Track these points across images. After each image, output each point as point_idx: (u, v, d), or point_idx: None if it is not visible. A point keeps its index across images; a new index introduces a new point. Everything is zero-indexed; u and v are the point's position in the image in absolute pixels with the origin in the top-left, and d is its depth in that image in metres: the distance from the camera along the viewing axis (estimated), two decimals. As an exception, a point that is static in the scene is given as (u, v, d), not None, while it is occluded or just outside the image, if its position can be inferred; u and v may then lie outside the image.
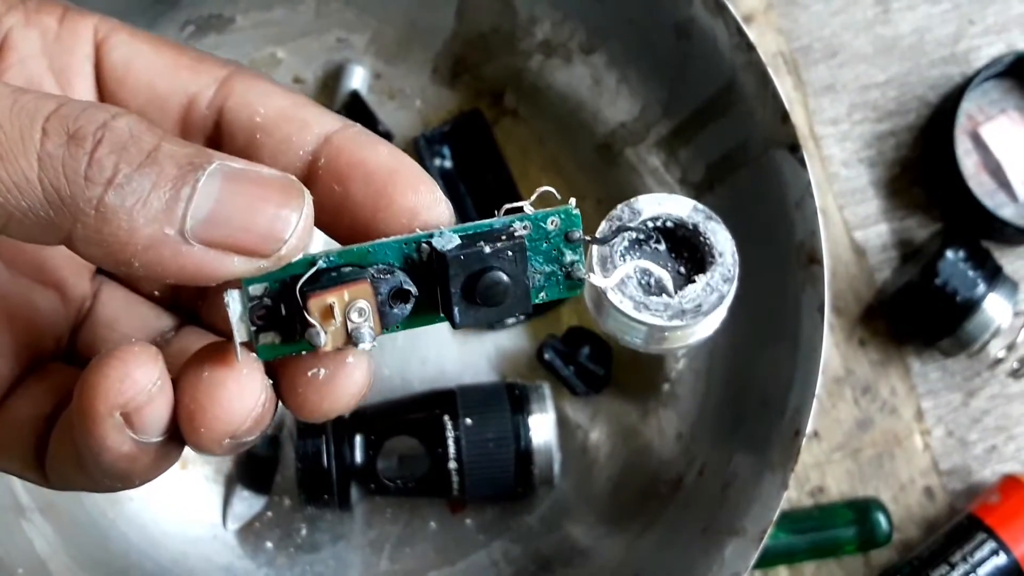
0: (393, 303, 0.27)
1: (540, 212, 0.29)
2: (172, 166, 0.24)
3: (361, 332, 0.26)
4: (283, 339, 0.27)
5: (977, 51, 0.66)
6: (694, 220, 0.31)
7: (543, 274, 0.29)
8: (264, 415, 0.27)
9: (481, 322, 0.28)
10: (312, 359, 0.27)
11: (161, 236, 0.24)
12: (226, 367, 0.26)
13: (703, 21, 0.54)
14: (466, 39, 0.62)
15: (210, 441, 0.26)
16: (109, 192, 0.24)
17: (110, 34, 0.30)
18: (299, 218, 0.25)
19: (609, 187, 0.63)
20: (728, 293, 0.30)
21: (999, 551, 0.60)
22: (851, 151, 0.66)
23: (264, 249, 0.25)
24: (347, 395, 0.28)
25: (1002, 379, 0.65)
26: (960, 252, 0.61)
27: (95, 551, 0.59)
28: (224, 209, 0.25)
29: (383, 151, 0.28)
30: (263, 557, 0.62)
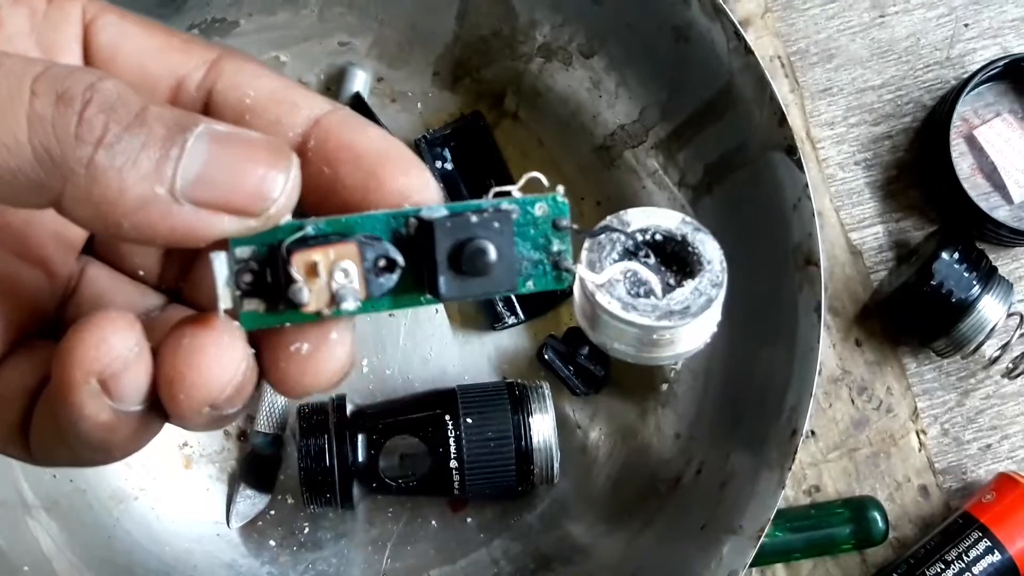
0: (379, 271, 0.27)
1: (528, 197, 0.28)
2: (160, 127, 0.24)
3: (345, 293, 0.26)
4: (267, 307, 0.26)
5: (972, 54, 0.67)
6: (682, 231, 0.31)
7: (531, 262, 0.28)
8: (245, 385, 0.27)
9: (466, 295, 0.27)
10: (295, 332, 0.27)
11: (151, 195, 0.24)
12: (207, 333, 0.26)
13: (701, 25, 0.54)
14: (467, 43, 0.63)
15: (189, 409, 0.26)
16: (99, 151, 0.24)
17: (99, 14, 0.29)
18: (287, 178, 0.25)
19: (608, 189, 0.64)
20: (717, 297, 0.30)
21: (994, 549, 0.60)
22: (847, 153, 0.67)
23: (253, 208, 0.25)
24: (329, 372, 0.27)
25: (997, 379, 0.66)
26: (955, 253, 0.61)
27: (100, 549, 0.59)
28: (213, 169, 0.25)
29: (373, 134, 0.28)
30: (266, 555, 0.62)
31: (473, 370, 0.64)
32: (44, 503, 0.58)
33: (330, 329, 0.27)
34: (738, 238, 0.60)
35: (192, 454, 0.63)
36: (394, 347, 0.63)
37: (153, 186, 0.24)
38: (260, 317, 0.26)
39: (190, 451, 0.63)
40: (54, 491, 0.59)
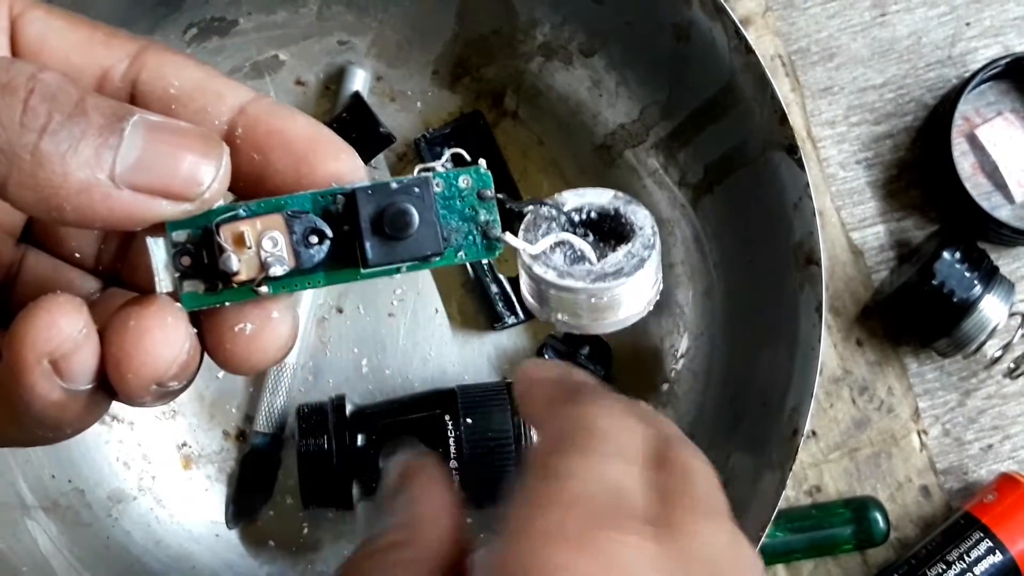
0: (307, 243, 0.28)
1: (451, 171, 0.30)
2: (99, 116, 0.26)
3: (273, 260, 0.27)
4: (207, 288, 0.28)
5: (974, 53, 0.67)
6: (615, 205, 0.32)
7: (461, 233, 0.30)
8: (189, 363, 0.28)
9: (394, 259, 0.28)
10: (238, 313, 0.28)
11: (92, 180, 0.26)
12: (151, 315, 0.27)
13: (702, 24, 0.54)
14: (467, 42, 0.63)
15: (137, 387, 0.27)
16: (44, 138, 0.25)
17: (26, 10, 0.30)
18: (219, 164, 0.27)
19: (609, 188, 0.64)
20: (649, 258, 0.31)
21: (995, 549, 0.60)
22: (848, 152, 0.66)
23: (188, 192, 0.27)
24: (272, 349, 0.29)
25: (998, 379, 0.66)
26: (957, 253, 0.61)
27: (98, 549, 0.59)
28: (149, 156, 0.26)
29: (301, 120, 0.30)
30: (265, 556, 0.62)
31: (473, 370, 0.64)
32: (43, 503, 0.58)
33: (271, 308, 0.29)
34: (739, 238, 0.60)
35: (191, 454, 0.63)
36: (393, 347, 0.63)
37: (94, 172, 0.26)
38: (200, 297, 0.28)
39: (189, 451, 0.63)
40: (53, 491, 0.59)
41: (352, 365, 0.63)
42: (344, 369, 0.63)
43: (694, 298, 0.62)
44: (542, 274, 0.31)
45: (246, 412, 0.63)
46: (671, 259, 0.62)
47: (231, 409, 0.63)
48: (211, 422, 0.63)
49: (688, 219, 0.61)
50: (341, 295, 0.64)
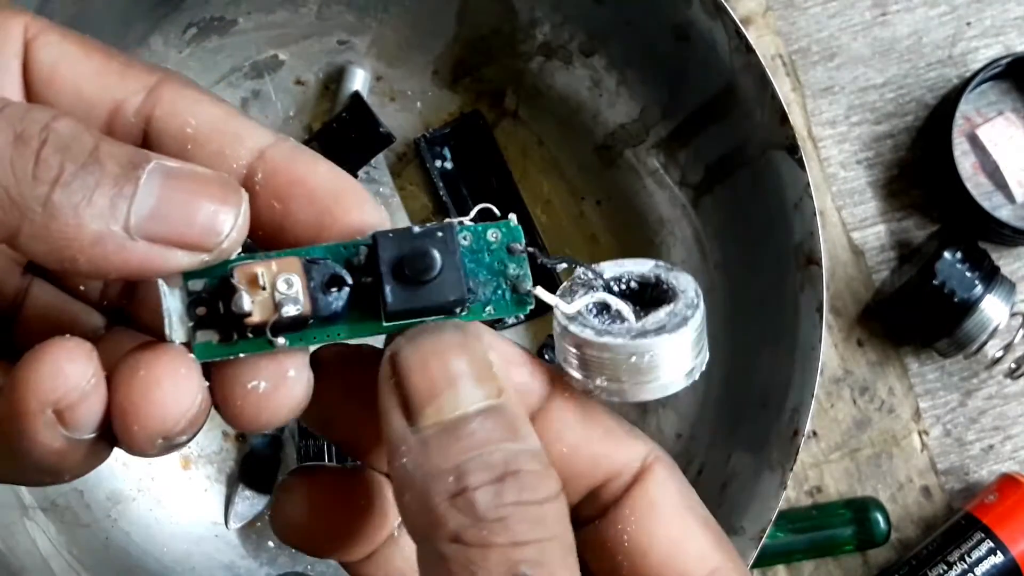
0: (326, 289, 0.27)
1: (480, 224, 0.29)
2: (113, 165, 0.25)
3: (287, 300, 0.26)
4: (221, 338, 0.27)
5: (974, 53, 0.67)
6: (656, 273, 0.31)
7: (489, 287, 0.28)
8: (199, 416, 0.27)
9: (415, 306, 0.27)
10: (253, 370, 0.27)
11: (106, 232, 0.25)
12: (163, 366, 0.26)
13: (702, 24, 0.54)
14: (467, 41, 0.63)
15: (143, 441, 0.26)
16: (56, 190, 0.24)
17: (40, 33, 0.29)
18: (237, 213, 0.26)
19: (609, 188, 0.64)
20: (693, 317, 0.29)
21: (996, 550, 0.60)
22: (849, 152, 0.66)
23: (206, 243, 0.26)
24: (285, 409, 0.27)
25: (999, 379, 0.65)
26: (957, 253, 0.61)
27: (98, 550, 0.59)
28: (165, 205, 0.25)
29: (324, 168, 0.29)
30: (265, 556, 0.62)
31: (473, 370, 0.63)
32: (42, 504, 0.58)
33: (287, 365, 0.27)
34: (739, 238, 0.60)
35: (191, 455, 0.63)
36: (394, 347, 0.63)
37: (108, 223, 0.25)
38: (214, 348, 0.27)
39: (188, 452, 0.63)
40: (52, 492, 0.59)
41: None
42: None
43: (694, 298, 0.62)
44: (579, 333, 0.29)
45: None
46: (671, 259, 0.62)
47: (231, 409, 0.63)
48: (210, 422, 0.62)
49: (688, 219, 0.61)
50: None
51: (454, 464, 0.24)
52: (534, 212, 0.64)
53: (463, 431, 0.25)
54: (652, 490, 0.29)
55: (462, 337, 0.27)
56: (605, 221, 0.64)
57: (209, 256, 0.26)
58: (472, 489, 0.24)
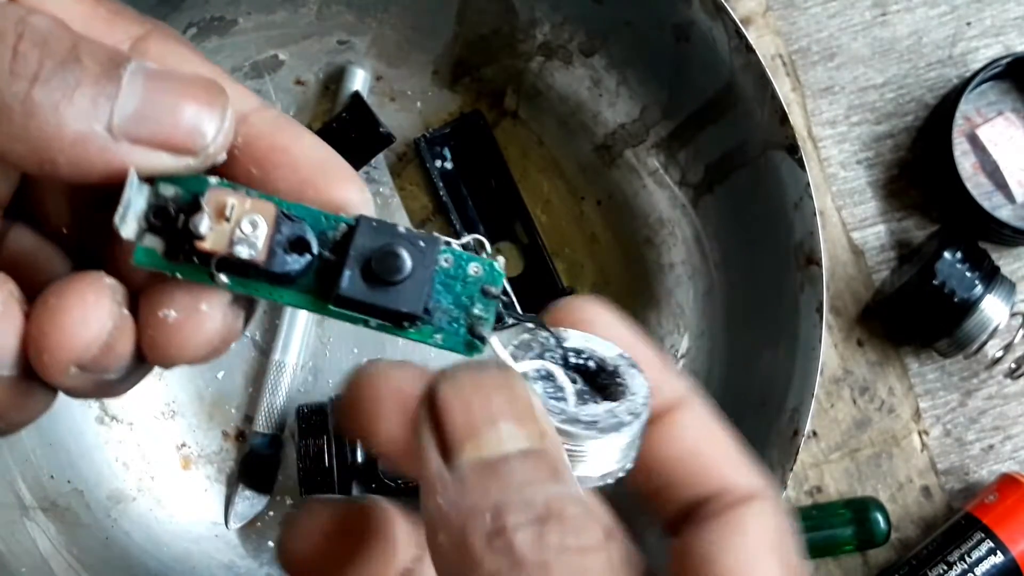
0: (288, 250, 0.26)
1: (466, 253, 0.27)
2: (93, 63, 0.24)
3: (243, 241, 0.25)
4: (166, 251, 0.26)
5: (974, 53, 0.67)
6: (616, 364, 0.29)
7: (449, 317, 0.27)
8: (113, 346, 0.26)
9: (367, 300, 0.26)
10: (166, 298, 0.26)
11: (88, 132, 0.24)
12: (72, 292, 0.25)
13: (702, 23, 0.54)
14: (466, 41, 0.63)
15: (55, 370, 0.25)
16: (35, 87, 0.24)
17: None
18: (223, 115, 0.25)
19: (609, 188, 0.64)
20: (630, 425, 0.27)
21: (996, 550, 0.60)
22: (849, 152, 0.66)
23: (192, 145, 0.25)
24: (194, 344, 0.26)
25: (999, 379, 0.65)
26: (957, 253, 0.61)
27: (98, 550, 0.59)
28: (149, 106, 0.25)
29: (309, 140, 0.28)
30: (265, 556, 0.62)
31: (473, 370, 0.63)
32: (42, 504, 0.58)
33: (201, 299, 0.26)
34: (739, 238, 0.60)
35: (190, 454, 0.63)
36: (393, 347, 0.63)
37: (90, 123, 0.24)
38: (155, 257, 0.26)
39: (188, 451, 0.63)
40: (52, 492, 0.59)
41: (352, 365, 0.63)
42: (344, 369, 0.63)
43: (694, 298, 0.62)
44: None
45: (245, 412, 0.63)
46: (671, 259, 0.62)
47: (230, 409, 0.63)
48: (210, 422, 0.63)
49: (688, 219, 0.61)
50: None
51: (493, 503, 0.23)
52: (534, 212, 0.64)
53: (503, 469, 0.23)
54: (748, 520, 0.28)
55: (504, 378, 0.25)
56: (605, 221, 0.64)
57: (195, 160, 0.25)
58: (511, 529, 0.22)
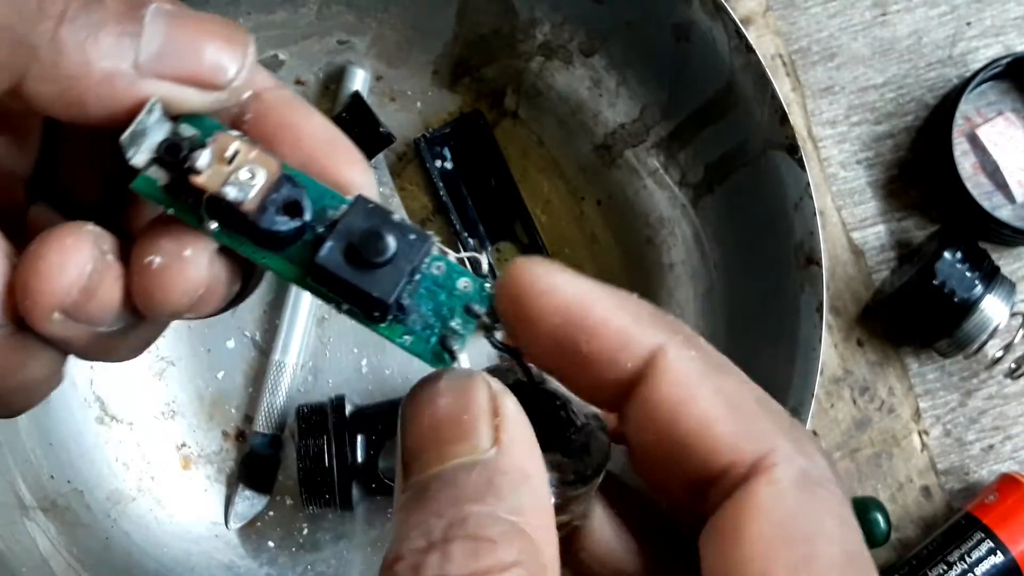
0: (281, 209, 0.26)
1: (459, 266, 0.27)
2: (115, 3, 0.25)
3: (236, 186, 0.25)
4: (167, 187, 0.26)
5: (974, 53, 0.67)
6: (586, 420, 0.28)
7: (421, 322, 0.27)
8: (95, 291, 0.26)
9: (340, 276, 0.25)
10: (151, 244, 0.26)
11: (115, 69, 0.25)
12: (52, 239, 0.25)
13: (702, 23, 0.54)
14: (466, 41, 0.63)
15: (38, 314, 0.25)
16: (63, 26, 0.24)
17: None
18: (245, 50, 0.26)
19: (609, 188, 0.64)
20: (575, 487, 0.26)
21: (996, 550, 0.60)
22: (849, 152, 0.66)
23: (218, 79, 0.26)
24: (177, 290, 0.26)
25: (999, 379, 0.65)
26: (957, 253, 0.61)
27: (97, 550, 0.59)
28: (172, 44, 0.25)
29: (318, 120, 0.28)
30: (265, 556, 0.62)
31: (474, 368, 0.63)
32: (41, 504, 0.58)
33: (186, 245, 0.26)
34: (739, 238, 0.60)
35: (190, 454, 0.63)
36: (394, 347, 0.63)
37: (116, 62, 0.25)
38: (154, 187, 0.26)
39: (188, 451, 0.63)
40: (52, 492, 0.59)
41: (352, 365, 0.63)
42: (344, 369, 0.63)
43: (694, 298, 0.62)
44: None
45: (245, 412, 0.63)
46: (671, 259, 0.62)
47: (230, 409, 0.63)
48: (210, 422, 0.63)
49: (688, 219, 0.61)
50: (341, 295, 0.64)
51: (412, 528, 0.23)
52: (534, 212, 0.64)
53: (431, 492, 0.23)
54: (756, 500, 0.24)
55: (458, 384, 0.25)
56: (605, 221, 0.64)
57: (224, 95, 0.26)
58: (407, 557, 0.22)
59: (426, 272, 0.27)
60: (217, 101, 0.26)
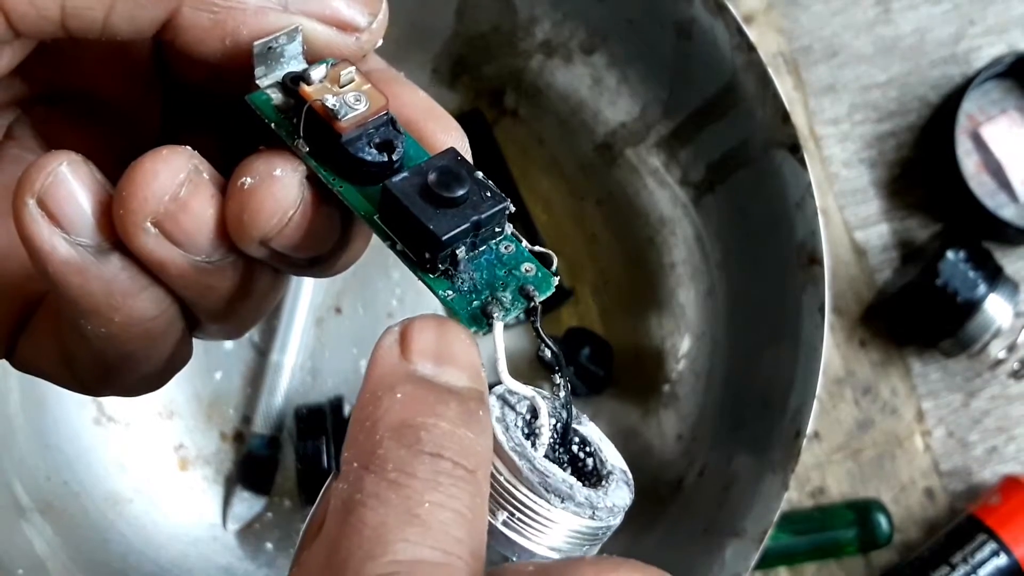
0: (372, 141, 0.27)
1: (527, 249, 0.27)
2: None
3: (338, 102, 0.26)
4: (280, 107, 0.28)
5: (978, 51, 0.66)
6: (612, 471, 0.27)
7: (471, 284, 0.27)
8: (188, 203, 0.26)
9: (405, 203, 0.26)
10: (246, 168, 0.27)
11: (267, 3, 0.27)
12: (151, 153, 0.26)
13: (703, 21, 0.54)
14: (466, 39, 0.62)
15: (129, 221, 0.26)
16: None
17: None
18: (382, 5, 0.29)
19: (609, 187, 0.63)
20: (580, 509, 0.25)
21: (1000, 552, 0.60)
22: (852, 151, 0.66)
23: (357, 21, 0.28)
24: (265, 210, 0.26)
25: (1003, 380, 0.65)
26: (961, 253, 0.61)
27: (95, 552, 0.59)
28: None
29: (421, 94, 0.30)
30: (263, 558, 0.62)
31: (472, 371, 0.63)
32: (38, 505, 0.58)
33: (276, 164, 0.27)
34: (741, 237, 0.60)
35: (188, 456, 0.63)
36: (393, 347, 0.63)
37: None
38: (267, 104, 0.28)
39: (186, 453, 0.63)
40: (48, 493, 0.59)
41: (351, 366, 0.63)
42: (343, 370, 0.63)
43: (696, 298, 0.62)
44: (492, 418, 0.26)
45: (244, 413, 0.63)
46: (672, 259, 0.62)
47: (228, 410, 0.63)
48: (208, 423, 0.63)
49: (690, 218, 0.61)
50: (340, 295, 0.63)
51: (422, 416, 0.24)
52: (534, 211, 0.64)
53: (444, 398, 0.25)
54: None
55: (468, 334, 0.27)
56: (605, 220, 0.64)
57: (365, 36, 0.28)
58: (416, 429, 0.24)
59: (493, 246, 0.27)
60: (357, 45, 0.28)
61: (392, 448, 0.23)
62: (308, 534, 0.24)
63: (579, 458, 0.28)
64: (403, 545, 0.22)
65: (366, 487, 0.23)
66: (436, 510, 0.23)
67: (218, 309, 0.29)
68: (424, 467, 0.23)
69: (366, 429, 0.24)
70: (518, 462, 0.25)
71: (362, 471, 0.23)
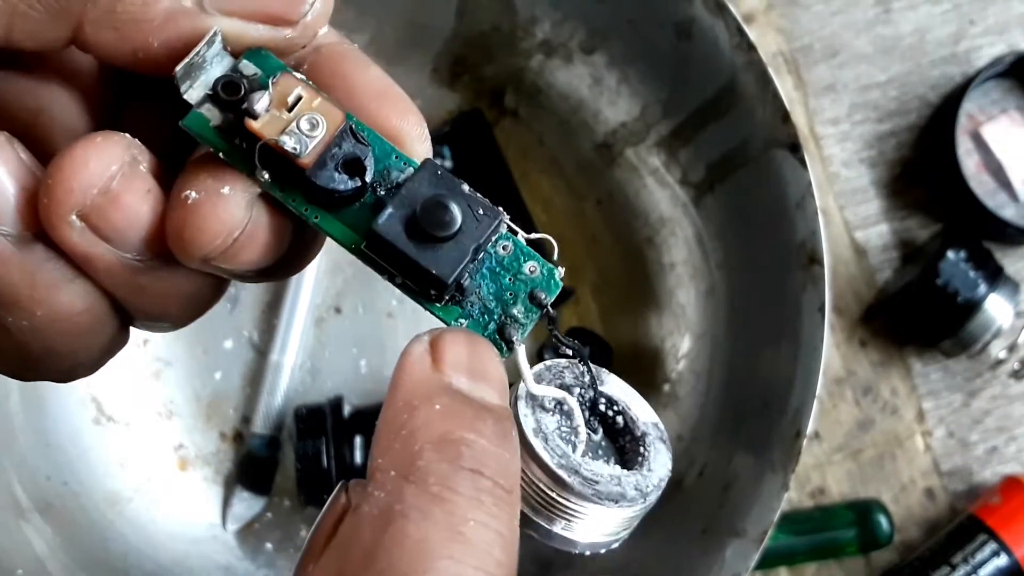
0: (340, 166, 0.24)
1: (530, 249, 0.26)
2: None
3: (295, 136, 0.24)
4: (219, 127, 0.25)
5: (978, 51, 0.66)
6: (649, 430, 0.27)
7: (482, 305, 0.25)
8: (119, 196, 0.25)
9: (399, 247, 0.24)
10: (191, 180, 0.25)
11: (178, 8, 0.23)
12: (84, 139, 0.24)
13: (703, 21, 0.54)
14: (466, 39, 0.62)
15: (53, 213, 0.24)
16: None
17: None
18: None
19: (609, 187, 0.63)
20: (632, 503, 0.25)
21: (1000, 552, 0.60)
22: (852, 151, 0.66)
23: (289, 14, 0.25)
24: (208, 230, 0.24)
25: (1003, 380, 0.65)
26: (961, 252, 0.60)
27: (94, 552, 0.59)
28: None
29: (373, 72, 0.27)
30: (263, 558, 0.62)
31: (472, 371, 0.63)
32: (38, 505, 0.58)
33: (224, 181, 0.25)
34: (741, 237, 0.59)
35: (188, 456, 0.62)
36: (393, 347, 0.63)
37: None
38: (205, 126, 0.25)
39: (185, 452, 0.62)
40: (48, 493, 0.58)
41: (351, 366, 0.63)
42: (343, 370, 0.63)
43: (696, 298, 0.61)
44: (520, 416, 0.25)
45: (243, 413, 0.63)
46: (672, 259, 0.62)
47: (228, 410, 0.63)
48: (208, 423, 0.63)
49: (690, 218, 0.61)
50: (340, 295, 0.63)
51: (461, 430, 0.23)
52: (534, 212, 0.64)
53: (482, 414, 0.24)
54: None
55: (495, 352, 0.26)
56: (605, 220, 0.64)
57: (293, 32, 0.25)
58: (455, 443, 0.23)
59: (491, 251, 0.25)
60: (287, 40, 0.25)
61: (433, 460, 0.22)
62: (315, 544, 0.23)
63: (609, 417, 0.27)
64: (447, 563, 0.21)
65: (407, 498, 0.22)
66: (480, 529, 0.22)
67: (152, 309, 0.27)
68: (466, 483, 0.22)
69: (403, 438, 0.23)
70: (568, 479, 0.25)
71: (402, 481, 0.22)
